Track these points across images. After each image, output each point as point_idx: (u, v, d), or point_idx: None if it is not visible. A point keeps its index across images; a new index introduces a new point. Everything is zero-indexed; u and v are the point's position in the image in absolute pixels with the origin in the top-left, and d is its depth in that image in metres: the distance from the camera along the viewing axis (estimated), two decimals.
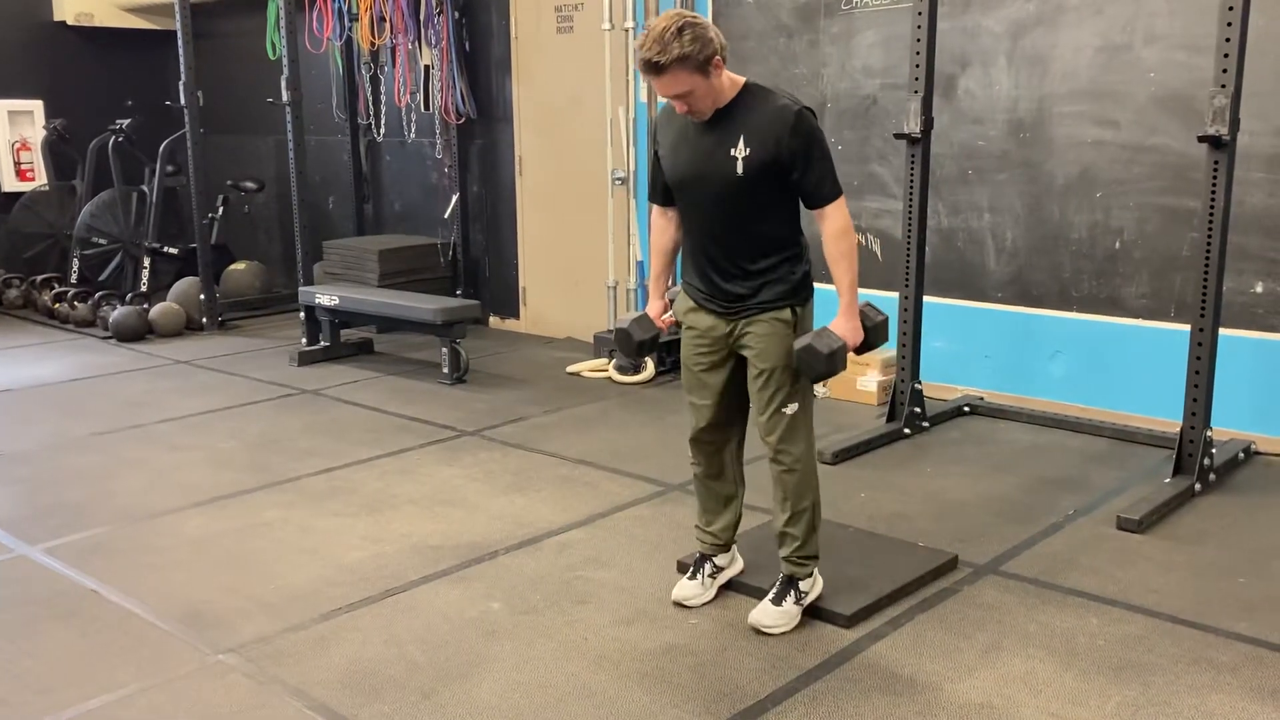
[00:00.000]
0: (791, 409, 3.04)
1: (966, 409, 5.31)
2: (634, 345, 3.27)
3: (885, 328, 3.15)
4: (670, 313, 3.28)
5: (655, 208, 3.28)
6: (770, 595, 3.18)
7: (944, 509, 4.10)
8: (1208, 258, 4.08)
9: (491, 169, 7.50)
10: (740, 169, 2.92)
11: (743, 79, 2.99)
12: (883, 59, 5.53)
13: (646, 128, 6.31)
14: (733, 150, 2.92)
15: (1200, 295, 4.12)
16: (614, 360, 6.18)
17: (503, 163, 7.42)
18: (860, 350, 3.08)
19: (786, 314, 3.05)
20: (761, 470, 3.34)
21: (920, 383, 5.04)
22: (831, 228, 2.99)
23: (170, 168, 8.09)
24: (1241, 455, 4.53)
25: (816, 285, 3.16)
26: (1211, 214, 4.05)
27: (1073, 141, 5.02)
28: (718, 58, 2.85)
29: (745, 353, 3.10)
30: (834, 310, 3.06)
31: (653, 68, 2.80)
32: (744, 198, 2.97)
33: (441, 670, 2.95)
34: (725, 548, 3.37)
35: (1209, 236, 4.07)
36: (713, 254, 3.07)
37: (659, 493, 4.29)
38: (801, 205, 3.05)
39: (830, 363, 2.93)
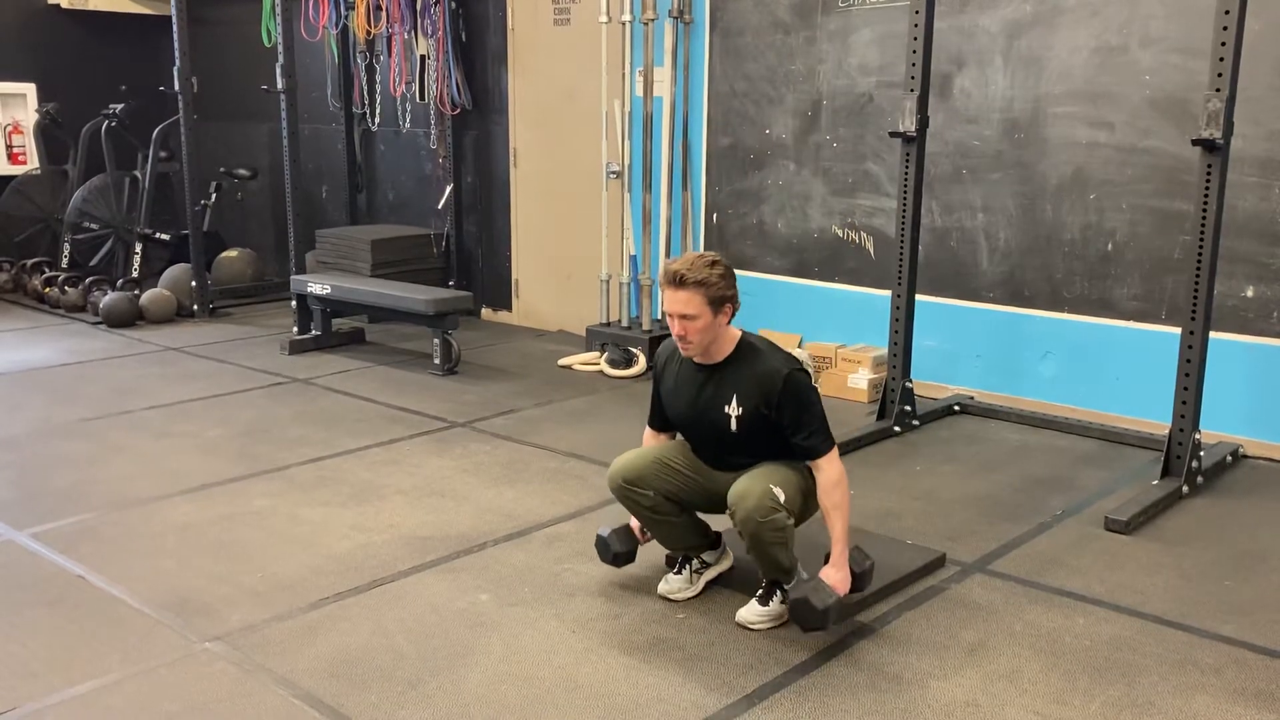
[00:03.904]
0: (779, 493, 3.01)
1: (957, 408, 5.32)
2: (610, 556, 3.36)
3: (871, 573, 3.19)
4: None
5: (649, 430, 3.44)
6: (758, 595, 3.19)
7: (933, 507, 4.11)
8: (1199, 261, 4.09)
9: (486, 161, 7.49)
10: (734, 425, 3.11)
11: (739, 333, 3.14)
12: (879, 57, 5.53)
13: (641, 122, 6.30)
14: (726, 408, 3.11)
15: (1191, 298, 4.13)
16: (605, 354, 6.18)
17: (497, 154, 7.40)
18: (847, 594, 3.09)
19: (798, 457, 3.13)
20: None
21: (911, 381, 5.04)
22: (825, 480, 3.08)
23: (163, 154, 8.05)
24: (1229, 458, 4.54)
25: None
26: (1204, 217, 4.06)
27: (1067, 142, 5.02)
28: (730, 306, 3.07)
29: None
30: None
31: (677, 279, 3.01)
32: (742, 446, 3.16)
33: (429, 661, 2.95)
34: (711, 546, 3.37)
35: (1201, 240, 4.08)
36: (719, 462, 3.24)
37: None
38: None
39: (824, 618, 2.96)
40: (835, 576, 3.05)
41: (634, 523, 3.38)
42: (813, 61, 5.78)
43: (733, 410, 3.10)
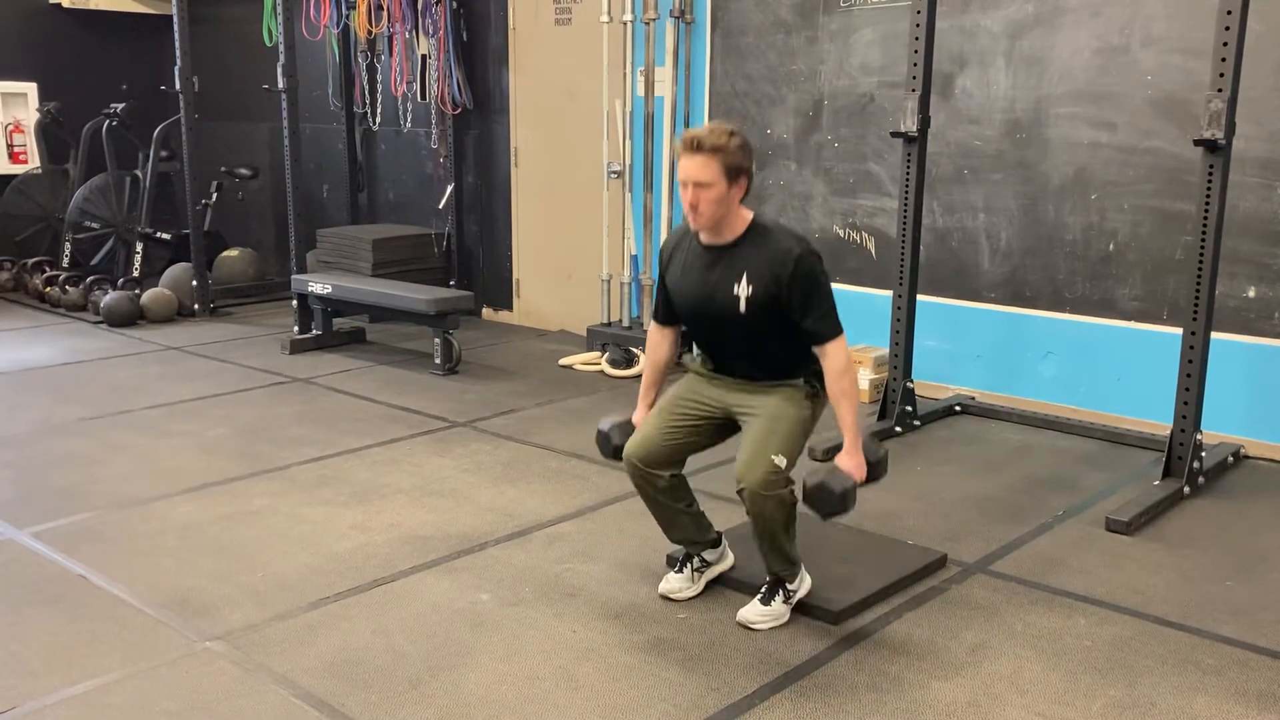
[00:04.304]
0: (780, 461, 2.99)
1: (958, 408, 5.32)
2: (611, 449, 3.34)
3: (886, 461, 3.17)
4: None
5: (655, 325, 3.38)
6: (759, 595, 3.18)
7: (933, 507, 4.11)
8: (1201, 261, 4.09)
9: (487, 160, 7.49)
10: (743, 307, 3.03)
11: (751, 214, 3.07)
12: (881, 57, 5.53)
13: (643, 122, 6.30)
14: (736, 288, 3.03)
15: (1193, 299, 4.13)
16: (606, 354, 6.18)
17: (498, 154, 7.40)
18: (864, 483, 3.08)
19: (801, 382, 3.11)
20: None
21: (912, 381, 5.04)
22: (832, 365, 3.04)
23: (164, 153, 8.05)
24: (1231, 459, 4.54)
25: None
26: (1205, 218, 4.06)
27: (1068, 143, 5.02)
28: (745, 179, 2.98)
29: (749, 410, 3.11)
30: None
31: (695, 144, 2.93)
32: (750, 329, 3.08)
33: (429, 660, 2.95)
34: (712, 544, 3.37)
35: (1202, 240, 4.08)
36: (723, 359, 3.22)
37: None
38: None
39: (843, 502, 2.97)
40: (850, 463, 3.02)
41: (635, 416, 3.35)
42: (814, 61, 5.78)
43: (742, 291, 3.01)
